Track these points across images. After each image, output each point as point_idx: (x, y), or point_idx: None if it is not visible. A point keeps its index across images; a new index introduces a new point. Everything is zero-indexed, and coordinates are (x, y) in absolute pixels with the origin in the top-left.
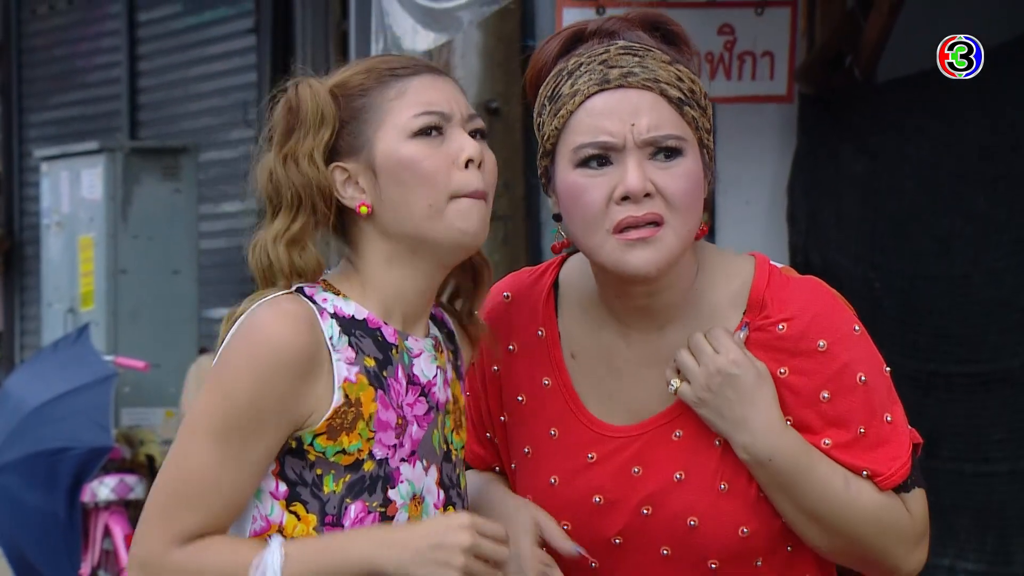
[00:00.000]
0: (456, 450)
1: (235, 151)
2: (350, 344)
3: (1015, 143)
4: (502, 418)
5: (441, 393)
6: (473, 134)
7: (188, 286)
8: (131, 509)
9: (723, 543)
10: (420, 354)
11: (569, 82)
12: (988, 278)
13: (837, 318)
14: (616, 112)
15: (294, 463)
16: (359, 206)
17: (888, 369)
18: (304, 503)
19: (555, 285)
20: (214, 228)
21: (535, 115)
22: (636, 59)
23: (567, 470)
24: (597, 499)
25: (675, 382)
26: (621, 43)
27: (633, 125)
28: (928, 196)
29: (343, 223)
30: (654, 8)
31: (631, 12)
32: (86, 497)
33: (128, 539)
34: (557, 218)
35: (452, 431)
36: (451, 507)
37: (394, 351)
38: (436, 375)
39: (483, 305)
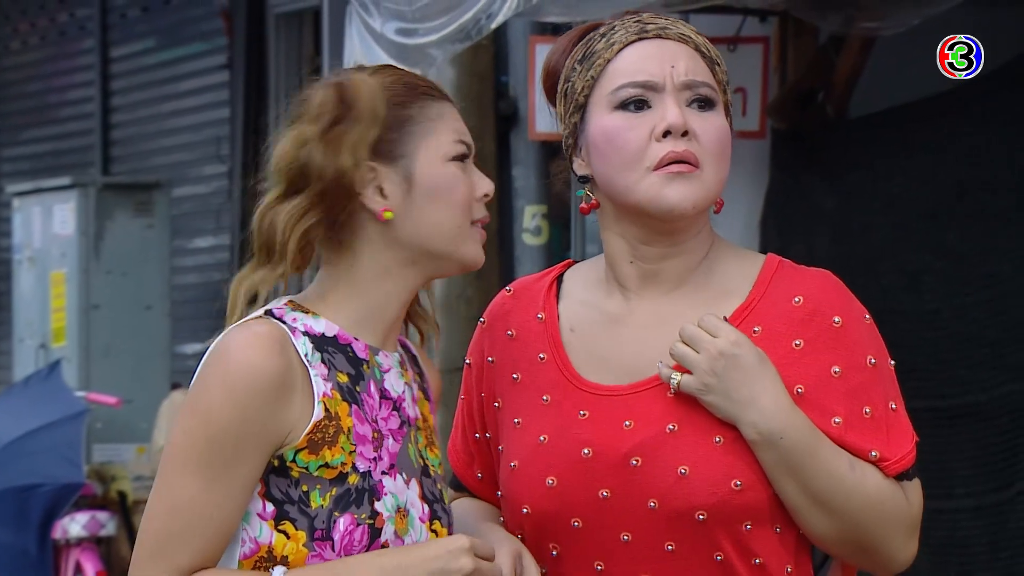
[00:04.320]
0: (433, 466)
1: (208, 186)
2: (323, 360)
3: (987, 179)
4: (496, 404)
5: (411, 409)
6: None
7: (161, 322)
8: (102, 546)
9: (714, 493)
10: (389, 370)
11: (604, 40)
12: (957, 313)
13: (850, 301)
14: (655, 56)
15: (279, 482)
16: (383, 211)
17: (893, 363)
18: (292, 520)
19: (559, 280)
20: (187, 264)
21: (561, 84)
22: (668, 21)
23: (557, 427)
24: (586, 451)
25: (675, 376)
26: (649, 13)
27: (672, 67)
28: (899, 232)
29: (349, 225)
30: None
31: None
32: (57, 534)
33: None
34: (583, 180)
35: (425, 447)
36: (436, 521)
37: (365, 366)
38: (404, 391)
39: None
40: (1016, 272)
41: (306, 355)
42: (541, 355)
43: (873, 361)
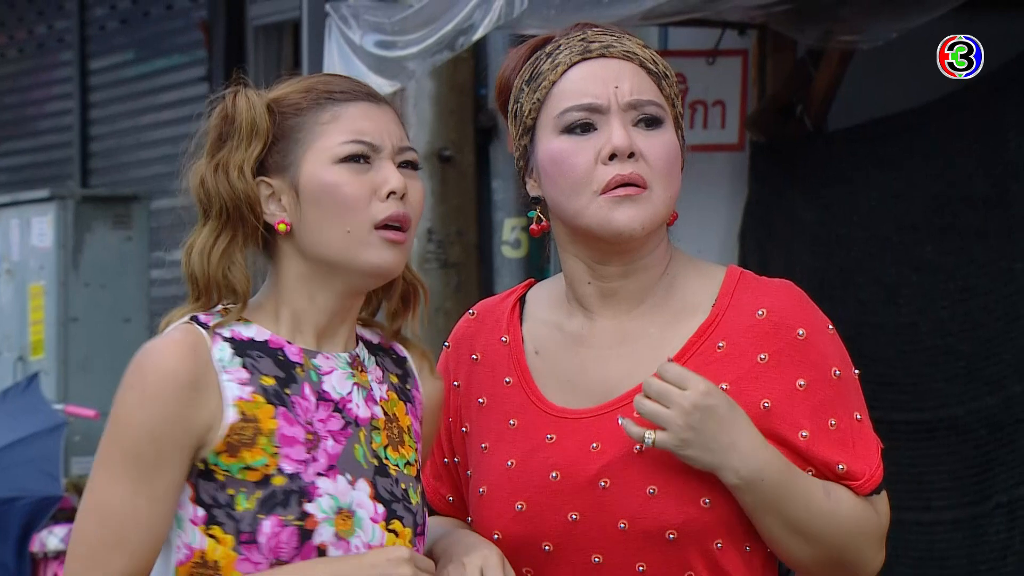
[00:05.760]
0: (395, 466)
1: (187, 199)
2: (244, 365)
3: (964, 193)
4: (463, 428)
5: (361, 410)
6: (404, 165)
7: (139, 334)
8: None
9: (683, 511)
10: (331, 371)
11: (549, 61)
12: (934, 326)
13: (813, 313)
14: (599, 77)
15: (207, 486)
16: (278, 223)
17: (857, 372)
18: (221, 524)
19: (522, 301)
20: (165, 276)
21: (511, 104)
22: (614, 37)
23: (524, 452)
24: (554, 475)
25: (648, 435)
26: (597, 29)
27: (617, 88)
28: (877, 245)
29: (271, 239)
30: None
31: (598, 23)
32: (35, 547)
33: None
34: (535, 202)
35: (385, 447)
36: (396, 521)
37: (299, 369)
38: (352, 392)
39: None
40: (992, 286)
41: (220, 360)
42: (507, 379)
43: (838, 373)
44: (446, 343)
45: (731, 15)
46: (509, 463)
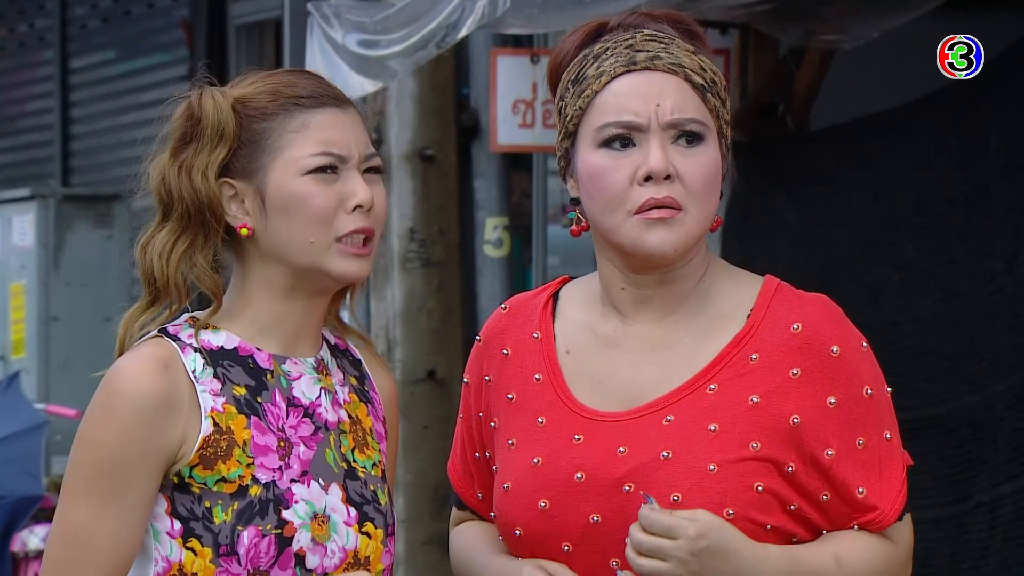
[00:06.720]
0: (362, 468)
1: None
2: (216, 375)
3: (945, 192)
4: (492, 424)
5: (329, 413)
6: (369, 171)
7: None
8: None
9: None
10: (300, 377)
11: (595, 65)
12: (916, 326)
13: (848, 329)
14: (641, 93)
15: (183, 499)
16: (240, 227)
17: (889, 390)
18: (198, 537)
19: (555, 297)
20: None
21: (557, 100)
22: (662, 46)
23: (551, 450)
24: (579, 476)
25: None
26: (647, 31)
27: (658, 106)
28: (858, 244)
29: (234, 239)
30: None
31: (654, 9)
32: (16, 547)
33: None
34: (575, 202)
35: (352, 450)
36: (368, 523)
37: (269, 376)
38: (320, 396)
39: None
40: (973, 285)
41: (194, 371)
42: (537, 376)
43: (870, 392)
44: (477, 337)
45: (713, 14)
46: (535, 460)
